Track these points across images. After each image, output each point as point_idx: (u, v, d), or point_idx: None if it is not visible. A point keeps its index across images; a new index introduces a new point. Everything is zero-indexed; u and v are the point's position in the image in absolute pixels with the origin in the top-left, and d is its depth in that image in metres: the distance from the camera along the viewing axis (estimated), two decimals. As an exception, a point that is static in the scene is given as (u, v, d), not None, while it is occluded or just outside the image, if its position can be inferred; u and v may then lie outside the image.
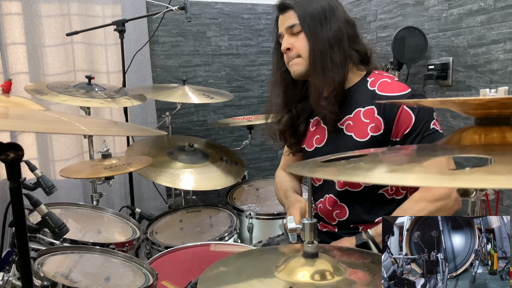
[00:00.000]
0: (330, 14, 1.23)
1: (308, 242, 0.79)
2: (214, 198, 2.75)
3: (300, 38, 1.25)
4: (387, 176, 0.49)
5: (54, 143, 2.23)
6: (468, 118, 1.79)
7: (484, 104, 0.55)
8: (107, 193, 2.14)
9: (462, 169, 0.46)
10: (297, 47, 1.25)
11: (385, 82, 1.25)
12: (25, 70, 2.11)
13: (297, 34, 1.25)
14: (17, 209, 0.64)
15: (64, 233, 1.11)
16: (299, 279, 0.75)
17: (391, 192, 1.27)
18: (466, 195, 0.61)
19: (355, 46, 1.26)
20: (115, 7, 2.33)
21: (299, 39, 1.25)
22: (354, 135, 1.25)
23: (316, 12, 1.22)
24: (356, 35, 1.28)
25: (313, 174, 0.66)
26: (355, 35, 1.27)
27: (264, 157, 2.93)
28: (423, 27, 1.98)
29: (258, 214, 1.90)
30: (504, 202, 1.69)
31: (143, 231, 1.62)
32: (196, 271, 1.30)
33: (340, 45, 1.22)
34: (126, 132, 1.10)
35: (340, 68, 1.22)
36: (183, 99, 2.10)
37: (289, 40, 1.26)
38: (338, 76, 1.22)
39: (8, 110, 0.87)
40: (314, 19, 1.22)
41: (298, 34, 1.25)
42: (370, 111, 1.23)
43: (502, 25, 1.62)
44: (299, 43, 1.25)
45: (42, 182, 1.48)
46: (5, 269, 1.06)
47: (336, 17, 1.23)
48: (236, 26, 2.71)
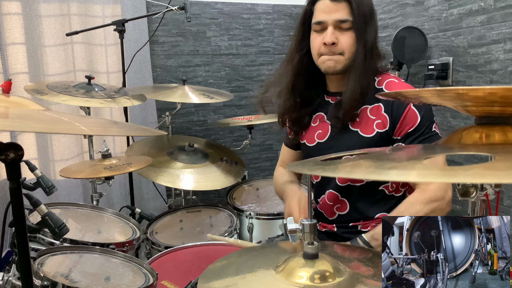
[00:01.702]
0: (374, 17, 1.22)
1: (308, 243, 0.79)
2: (214, 198, 2.75)
3: (347, 35, 1.20)
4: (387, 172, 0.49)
5: (54, 143, 2.23)
6: (468, 118, 1.79)
7: (485, 97, 0.54)
8: (107, 193, 2.14)
9: (462, 165, 0.46)
10: (342, 44, 1.20)
11: (393, 82, 1.26)
12: (25, 70, 2.11)
13: (345, 30, 1.19)
14: (17, 209, 0.64)
15: (64, 233, 1.11)
16: (298, 280, 0.75)
17: (391, 189, 1.28)
18: (466, 195, 0.61)
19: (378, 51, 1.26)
20: (115, 7, 2.33)
21: (346, 36, 1.20)
22: (360, 131, 1.25)
23: (367, 11, 1.19)
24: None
25: (313, 172, 0.66)
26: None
27: (264, 157, 2.93)
28: (423, 27, 1.98)
29: (258, 214, 1.90)
30: (504, 202, 1.69)
31: (143, 231, 1.62)
32: (196, 271, 1.30)
33: (376, 49, 1.22)
34: (126, 132, 1.10)
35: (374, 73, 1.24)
36: (183, 99, 2.10)
37: (335, 34, 1.19)
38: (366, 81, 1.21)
39: (8, 110, 0.87)
40: (365, 19, 1.18)
41: (346, 30, 1.20)
42: (377, 108, 1.24)
43: (502, 25, 1.62)
44: (346, 40, 1.20)
45: (42, 182, 1.48)
46: (5, 269, 1.06)
47: (375, 20, 1.22)
48: (236, 26, 2.71)
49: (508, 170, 0.42)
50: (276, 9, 2.78)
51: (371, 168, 0.52)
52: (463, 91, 0.54)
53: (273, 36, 2.80)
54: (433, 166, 0.48)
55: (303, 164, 0.68)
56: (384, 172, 0.49)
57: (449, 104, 0.65)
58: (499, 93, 0.53)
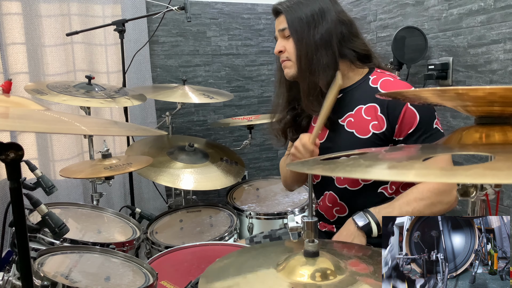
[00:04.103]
0: (320, 17, 1.24)
1: (309, 241, 0.79)
2: (214, 198, 2.75)
3: (290, 41, 1.28)
4: (387, 172, 0.49)
5: (54, 143, 2.23)
6: (468, 118, 1.79)
7: (485, 97, 0.54)
8: (107, 193, 2.14)
9: (462, 165, 0.46)
10: (287, 50, 1.29)
11: (388, 81, 1.25)
12: (25, 70, 2.11)
13: (288, 37, 1.28)
14: (17, 209, 0.64)
15: (64, 233, 1.11)
16: (299, 278, 0.75)
17: (391, 191, 1.27)
18: (466, 195, 0.61)
19: (350, 45, 1.26)
20: (115, 7, 2.33)
21: (289, 43, 1.28)
22: (356, 132, 1.25)
23: (305, 16, 1.24)
24: (353, 34, 1.27)
25: (312, 171, 0.66)
26: (352, 34, 1.27)
27: (264, 157, 2.93)
28: (423, 27, 1.98)
29: (258, 214, 1.90)
30: (504, 202, 1.69)
31: (143, 231, 1.62)
32: (196, 271, 1.30)
33: (329, 46, 1.23)
34: (126, 132, 1.10)
35: (327, 69, 1.23)
36: (183, 99, 2.10)
37: (282, 43, 1.30)
38: (325, 77, 1.23)
39: (8, 110, 0.87)
40: (302, 23, 1.25)
41: (288, 38, 1.28)
42: (372, 108, 1.24)
43: (502, 25, 1.62)
44: (289, 46, 1.28)
45: (42, 182, 1.48)
46: (5, 269, 1.06)
47: (327, 19, 1.24)
48: (236, 26, 2.71)
49: (508, 170, 0.42)
50: (276, 9, 2.78)
51: (370, 168, 0.52)
52: (463, 91, 0.54)
53: (273, 36, 2.79)
54: (433, 165, 0.48)
55: (303, 164, 0.68)
56: (383, 171, 0.50)
57: (449, 104, 0.65)
58: (499, 93, 0.53)
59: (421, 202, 1.15)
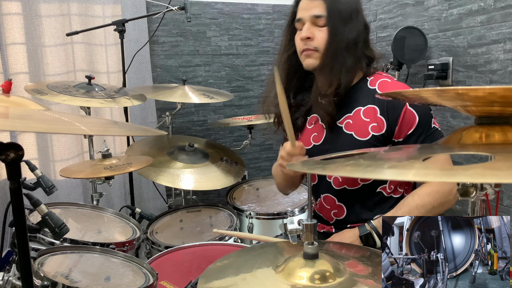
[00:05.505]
0: (355, 16, 1.21)
1: (308, 243, 0.79)
2: (214, 198, 2.75)
3: (322, 31, 1.21)
4: (386, 172, 0.49)
5: (54, 143, 2.23)
6: (468, 118, 1.79)
7: (485, 97, 0.54)
8: (107, 193, 2.14)
9: (462, 165, 0.46)
10: (317, 39, 1.21)
11: (385, 82, 1.25)
12: (25, 70, 2.11)
13: (321, 26, 1.21)
14: (17, 209, 0.64)
15: (64, 233, 1.11)
16: (298, 281, 0.74)
17: (389, 191, 1.27)
18: (466, 195, 0.61)
19: (366, 51, 1.25)
20: (115, 7, 2.33)
21: (321, 32, 1.21)
22: (355, 133, 1.24)
23: (345, 9, 1.20)
24: (368, 40, 1.27)
25: (312, 170, 0.66)
26: (368, 40, 1.27)
27: (264, 157, 2.93)
28: (423, 27, 1.98)
29: (258, 214, 1.90)
30: (504, 202, 1.69)
31: (143, 231, 1.62)
32: (196, 271, 1.30)
33: (356, 48, 1.21)
34: (126, 132, 1.10)
35: (349, 71, 1.22)
36: (183, 99, 2.10)
37: (311, 30, 1.21)
38: (345, 79, 1.21)
39: (8, 110, 0.87)
40: (341, 16, 1.19)
41: (321, 27, 1.21)
42: (371, 110, 1.23)
43: (502, 25, 1.62)
44: (320, 36, 1.21)
45: (42, 182, 1.48)
46: (5, 269, 1.06)
47: (359, 20, 1.22)
48: (236, 26, 2.71)
49: (508, 170, 0.42)
50: (276, 9, 2.78)
51: (370, 167, 0.52)
52: (463, 91, 0.54)
53: (273, 36, 2.80)
54: (432, 165, 0.48)
55: (302, 164, 0.68)
56: (383, 171, 0.49)
57: (449, 104, 0.65)
58: (499, 93, 0.53)
59: (423, 208, 1.16)
